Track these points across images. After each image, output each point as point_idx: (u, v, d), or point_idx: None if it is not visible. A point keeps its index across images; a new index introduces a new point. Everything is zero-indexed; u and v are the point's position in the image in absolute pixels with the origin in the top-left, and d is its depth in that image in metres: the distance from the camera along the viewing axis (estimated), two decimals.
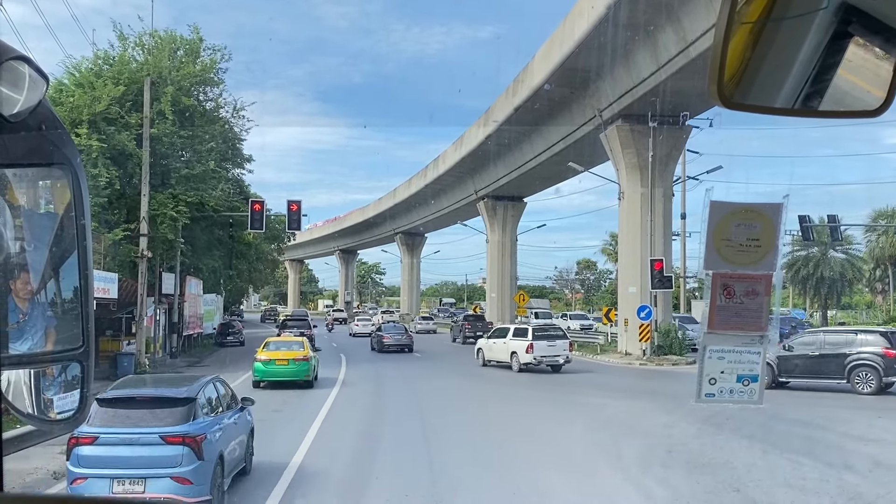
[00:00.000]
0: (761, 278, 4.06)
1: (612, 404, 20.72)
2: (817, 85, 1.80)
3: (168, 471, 9.32)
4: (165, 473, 9.33)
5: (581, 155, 39.51)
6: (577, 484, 12.02)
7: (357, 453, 14.25)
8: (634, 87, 32.05)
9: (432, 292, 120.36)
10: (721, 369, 4.18)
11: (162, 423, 9.57)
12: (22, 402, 1.74)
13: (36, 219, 1.80)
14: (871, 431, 16.53)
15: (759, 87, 1.79)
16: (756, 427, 16.29)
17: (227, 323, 47.04)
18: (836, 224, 42.91)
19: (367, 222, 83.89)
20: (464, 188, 57.53)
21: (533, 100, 37.65)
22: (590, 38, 30.55)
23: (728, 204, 4.04)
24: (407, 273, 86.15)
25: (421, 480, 11.74)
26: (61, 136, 1.66)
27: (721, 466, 12.82)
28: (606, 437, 16.00)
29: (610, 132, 35.88)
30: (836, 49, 1.76)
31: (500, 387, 25.66)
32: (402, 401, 21.76)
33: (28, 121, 1.54)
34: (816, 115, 1.86)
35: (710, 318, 4.12)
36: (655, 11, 28.14)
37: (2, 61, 1.40)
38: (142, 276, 29.18)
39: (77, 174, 1.67)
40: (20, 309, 1.70)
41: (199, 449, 9.46)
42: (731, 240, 3.99)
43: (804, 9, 1.72)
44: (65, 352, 1.76)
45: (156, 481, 9.34)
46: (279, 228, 43.94)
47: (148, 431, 9.47)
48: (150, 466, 9.35)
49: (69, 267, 1.73)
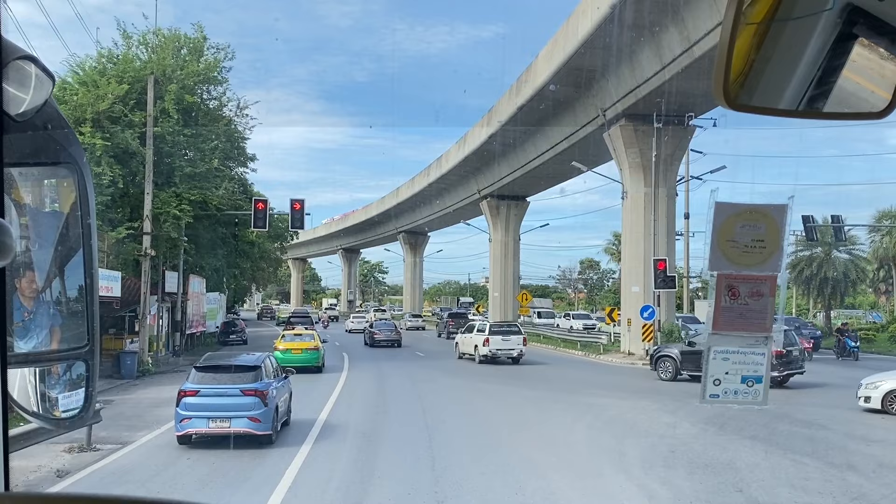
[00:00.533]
0: (766, 279, 4.05)
1: (614, 404, 20.72)
2: (822, 86, 1.79)
3: (245, 413, 13.80)
4: (243, 415, 13.80)
5: (584, 154, 39.49)
6: (580, 483, 12.02)
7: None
8: (638, 87, 32.02)
9: (435, 291, 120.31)
10: (726, 370, 4.17)
11: (240, 382, 14.20)
12: (27, 400, 1.74)
13: (42, 217, 1.81)
14: (875, 432, 16.52)
15: (763, 89, 1.78)
16: (759, 427, 16.28)
17: (230, 321, 47.04)
18: (839, 224, 42.83)
19: (370, 221, 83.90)
20: (467, 187, 57.52)
21: (536, 99, 37.65)
22: (593, 38, 30.53)
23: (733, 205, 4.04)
24: (409, 272, 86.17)
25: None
26: (67, 136, 1.66)
27: (724, 467, 12.82)
28: (609, 437, 15.99)
29: (613, 132, 35.85)
30: (842, 50, 1.76)
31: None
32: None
33: (34, 120, 1.54)
34: (821, 117, 1.86)
35: (715, 319, 4.11)
36: (659, 11, 28.11)
37: (8, 61, 1.40)
38: (145, 275, 29.22)
39: (83, 173, 1.68)
40: (26, 307, 1.71)
41: (265, 399, 13.99)
42: (736, 241, 3.98)
43: (809, 10, 1.72)
44: (70, 350, 1.76)
45: (237, 420, 13.75)
46: (282, 227, 43.98)
47: (232, 387, 14.15)
48: (233, 410, 13.85)
49: (74, 266, 1.74)
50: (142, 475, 12.27)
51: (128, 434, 15.62)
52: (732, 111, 1.74)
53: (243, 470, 12.55)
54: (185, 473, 12.34)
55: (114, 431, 15.50)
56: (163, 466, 12.88)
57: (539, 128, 41.02)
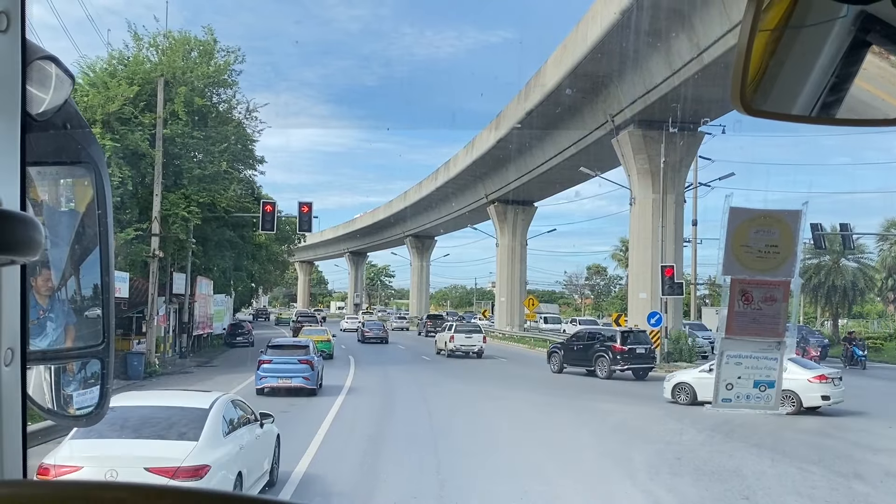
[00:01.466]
0: (779, 284, 4.04)
1: (621, 409, 20.68)
2: (835, 93, 1.79)
3: (301, 374, 21.56)
4: (300, 376, 21.50)
5: (593, 160, 39.46)
6: (586, 488, 12.01)
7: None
8: (647, 93, 32.02)
9: (441, 295, 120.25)
10: (738, 375, 4.17)
11: (297, 355, 22.13)
12: (42, 397, 1.76)
13: (58, 216, 1.82)
14: (882, 441, 16.45)
15: (777, 95, 1.79)
16: (765, 435, 16.24)
17: (236, 323, 47.14)
18: (848, 233, 42.71)
19: (377, 224, 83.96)
20: (474, 192, 57.53)
21: (545, 104, 37.67)
22: (603, 44, 30.55)
23: (747, 210, 4.03)
24: (416, 276, 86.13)
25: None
26: (86, 135, 1.68)
27: (730, 474, 12.79)
28: (615, 443, 15.97)
29: (622, 137, 35.84)
30: (855, 58, 1.76)
31: None
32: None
33: (54, 119, 1.56)
34: (835, 123, 1.86)
35: (728, 324, 4.11)
36: (669, 18, 28.11)
37: (30, 61, 1.42)
38: (153, 276, 29.31)
39: (100, 173, 1.69)
40: (41, 305, 1.72)
41: (313, 366, 21.99)
42: (751, 246, 3.98)
43: (823, 17, 1.73)
44: (86, 348, 1.78)
45: (296, 378, 21.34)
46: (290, 230, 44.02)
47: (292, 358, 21.89)
48: (293, 373, 21.48)
49: (91, 265, 1.75)
50: None
51: None
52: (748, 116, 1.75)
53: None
54: None
55: None
56: None
57: (547, 132, 41.02)
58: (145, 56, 33.70)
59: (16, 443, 1.43)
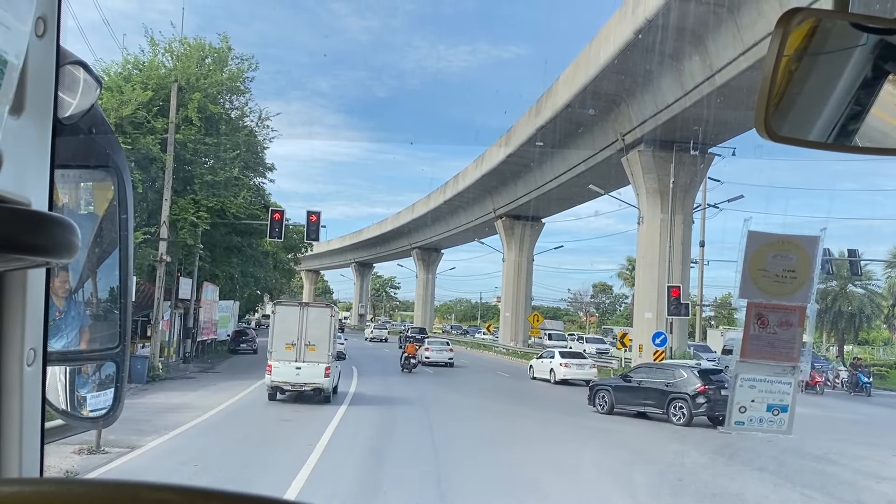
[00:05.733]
0: (796, 309, 4.05)
1: (622, 429, 20.59)
2: (853, 121, 1.80)
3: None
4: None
5: (601, 178, 39.51)
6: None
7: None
8: (658, 113, 32.05)
9: (446, 308, 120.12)
10: (752, 398, 4.17)
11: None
12: (56, 398, 1.77)
13: (81, 219, 1.84)
14: (886, 469, 16.33)
15: (795, 121, 1.80)
16: (768, 459, 16.14)
17: (240, 330, 47.17)
18: (856, 258, 42.58)
19: (384, 236, 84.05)
20: (482, 206, 57.58)
21: (556, 121, 37.72)
22: (616, 63, 30.61)
23: (766, 234, 4.04)
24: (422, 288, 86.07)
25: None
26: (110, 140, 1.70)
27: (732, 497, 12.72)
28: (617, 463, 15.89)
29: (632, 156, 35.86)
30: (873, 86, 1.77)
31: None
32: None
33: (80, 124, 1.58)
34: (852, 151, 1.87)
35: (744, 347, 4.12)
36: (683, 39, 28.18)
37: (61, 65, 1.44)
38: (159, 280, 29.37)
39: (123, 178, 1.71)
40: (57, 307, 1.74)
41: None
42: (768, 270, 3.99)
43: (843, 45, 1.74)
44: (103, 351, 1.80)
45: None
46: (297, 238, 44.10)
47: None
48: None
49: (109, 268, 1.77)
50: (148, 479, 12.26)
51: (136, 438, 15.65)
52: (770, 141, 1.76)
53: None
54: (192, 480, 12.34)
55: (122, 435, 15.51)
56: (168, 473, 12.90)
57: (557, 150, 41.07)
58: (160, 61, 33.90)
59: (35, 442, 1.45)
